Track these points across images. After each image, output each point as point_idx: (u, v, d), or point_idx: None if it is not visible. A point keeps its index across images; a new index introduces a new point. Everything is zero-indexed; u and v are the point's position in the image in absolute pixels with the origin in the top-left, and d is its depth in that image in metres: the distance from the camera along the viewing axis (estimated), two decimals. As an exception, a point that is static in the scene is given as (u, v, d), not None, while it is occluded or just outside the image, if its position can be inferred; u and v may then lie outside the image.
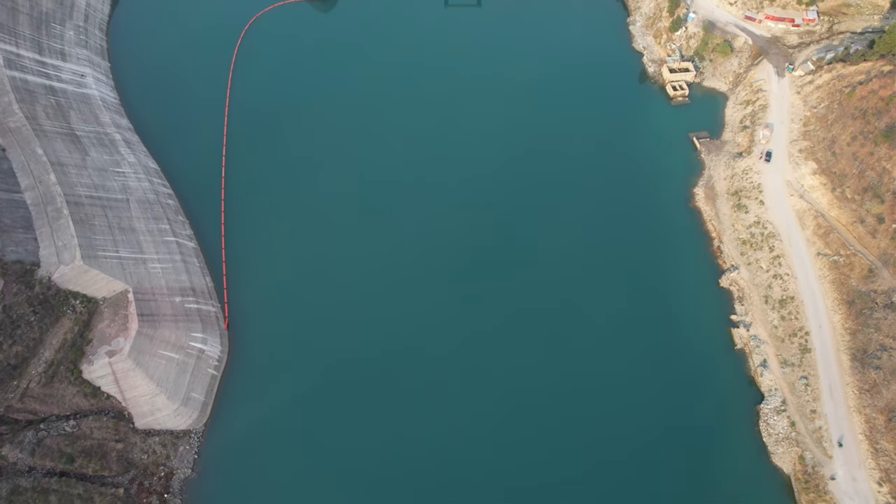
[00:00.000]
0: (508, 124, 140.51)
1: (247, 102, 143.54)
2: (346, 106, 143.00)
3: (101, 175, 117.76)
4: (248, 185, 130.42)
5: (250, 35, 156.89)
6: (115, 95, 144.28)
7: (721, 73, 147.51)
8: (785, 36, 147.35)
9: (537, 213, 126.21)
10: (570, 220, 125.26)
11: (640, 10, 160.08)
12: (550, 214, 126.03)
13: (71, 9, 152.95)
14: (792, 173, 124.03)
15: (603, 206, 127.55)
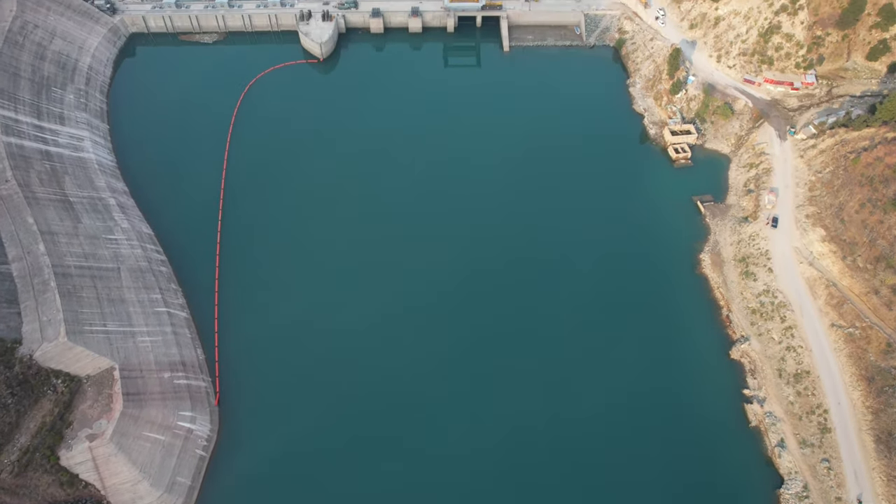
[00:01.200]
0: (508, 187, 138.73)
1: (244, 166, 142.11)
2: (345, 170, 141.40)
3: (92, 243, 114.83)
4: (244, 250, 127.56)
5: (250, 97, 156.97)
6: (112, 158, 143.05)
7: (723, 135, 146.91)
8: (785, 99, 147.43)
9: (539, 281, 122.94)
10: (573, 286, 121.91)
11: (639, 72, 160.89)
12: (552, 281, 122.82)
13: (73, 72, 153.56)
14: (800, 240, 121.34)
15: (608, 273, 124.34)
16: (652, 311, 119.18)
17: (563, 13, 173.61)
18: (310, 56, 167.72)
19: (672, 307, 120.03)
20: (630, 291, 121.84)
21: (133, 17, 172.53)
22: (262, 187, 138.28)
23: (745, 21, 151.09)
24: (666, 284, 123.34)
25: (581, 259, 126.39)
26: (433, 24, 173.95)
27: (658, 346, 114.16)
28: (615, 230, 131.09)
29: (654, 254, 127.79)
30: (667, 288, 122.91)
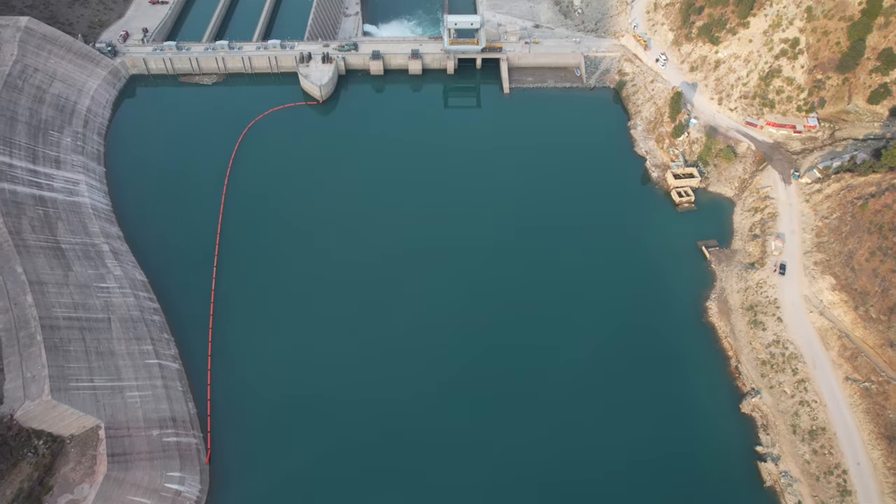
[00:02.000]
0: (508, 231, 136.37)
1: (241, 209, 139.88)
2: (344, 213, 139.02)
3: (82, 292, 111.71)
4: (240, 296, 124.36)
5: (248, 139, 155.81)
6: (107, 202, 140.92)
7: (726, 178, 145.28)
8: (787, 142, 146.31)
9: (540, 330, 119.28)
10: (575, 336, 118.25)
11: (640, 114, 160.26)
12: (553, 331, 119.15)
13: (71, 115, 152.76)
14: (809, 288, 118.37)
15: (612, 321, 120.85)
16: (658, 361, 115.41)
17: (563, 55, 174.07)
18: (309, 98, 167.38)
19: (679, 357, 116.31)
20: (635, 341, 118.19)
21: (134, 59, 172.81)
22: (258, 231, 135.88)
23: (745, 64, 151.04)
24: (672, 334, 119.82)
25: (583, 306, 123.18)
26: (433, 65, 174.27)
27: (665, 399, 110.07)
28: (619, 276, 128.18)
29: (660, 301, 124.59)
30: (673, 337, 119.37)
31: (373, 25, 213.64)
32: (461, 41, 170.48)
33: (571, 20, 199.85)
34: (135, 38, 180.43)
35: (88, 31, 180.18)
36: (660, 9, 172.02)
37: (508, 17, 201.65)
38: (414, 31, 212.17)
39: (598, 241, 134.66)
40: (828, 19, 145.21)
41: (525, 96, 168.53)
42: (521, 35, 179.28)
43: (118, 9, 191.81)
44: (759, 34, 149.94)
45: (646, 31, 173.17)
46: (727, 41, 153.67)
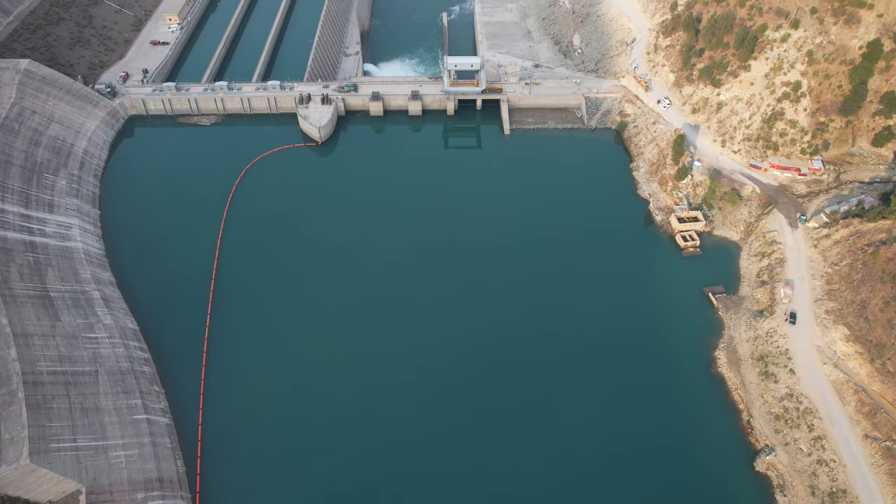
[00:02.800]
0: (509, 275, 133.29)
1: (237, 254, 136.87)
2: (341, 260, 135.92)
3: (70, 344, 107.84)
4: (233, 345, 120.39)
5: (246, 181, 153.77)
6: (100, 246, 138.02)
7: (731, 221, 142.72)
8: (792, 185, 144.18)
9: (542, 380, 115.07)
10: (580, 386, 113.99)
11: (642, 155, 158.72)
12: (556, 381, 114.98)
13: (67, 157, 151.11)
14: (821, 338, 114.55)
15: (617, 371, 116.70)
16: (666, 414, 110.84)
17: (564, 96, 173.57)
18: (308, 139, 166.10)
19: (688, 410, 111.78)
20: (641, 391, 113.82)
21: (133, 100, 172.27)
22: (254, 276, 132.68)
23: (747, 107, 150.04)
24: (680, 384, 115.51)
25: (587, 353, 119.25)
26: (433, 106, 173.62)
27: (675, 455, 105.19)
28: (624, 324, 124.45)
29: (667, 350, 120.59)
30: (681, 388, 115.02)
31: (373, 65, 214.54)
32: (461, 82, 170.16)
33: (571, 60, 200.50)
34: (135, 78, 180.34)
35: (89, 73, 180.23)
36: (660, 50, 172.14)
37: (508, 57, 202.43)
38: (415, 70, 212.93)
39: (603, 286, 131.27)
40: (829, 63, 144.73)
41: (526, 137, 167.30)
42: (521, 76, 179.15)
43: (119, 50, 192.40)
44: (760, 77, 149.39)
45: (646, 72, 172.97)
46: (729, 84, 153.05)
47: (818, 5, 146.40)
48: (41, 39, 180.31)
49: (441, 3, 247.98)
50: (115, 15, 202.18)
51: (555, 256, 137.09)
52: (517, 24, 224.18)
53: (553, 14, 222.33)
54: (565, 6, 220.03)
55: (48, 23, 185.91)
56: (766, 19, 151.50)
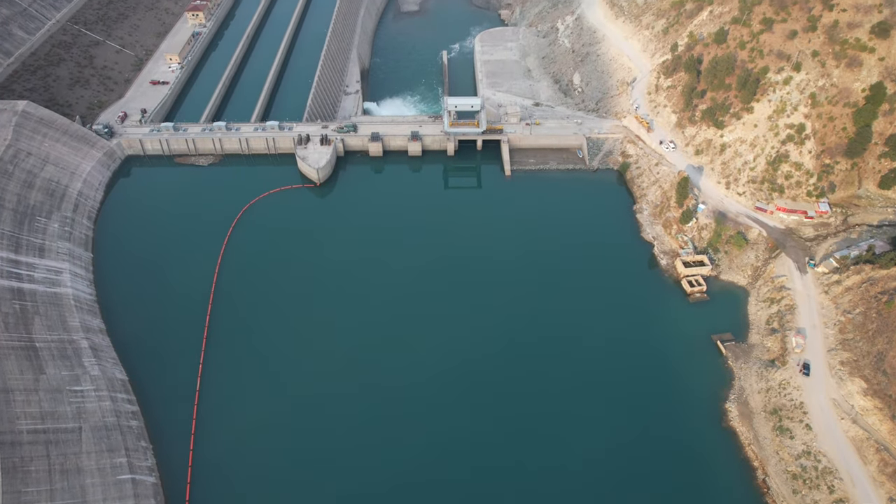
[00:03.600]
0: (511, 321, 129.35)
1: (232, 300, 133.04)
2: (341, 306, 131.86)
3: (53, 399, 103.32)
4: (225, 398, 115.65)
5: (242, 223, 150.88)
6: (91, 291, 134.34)
7: (738, 266, 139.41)
8: (799, 228, 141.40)
9: (545, 435, 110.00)
10: (585, 441, 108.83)
11: (645, 197, 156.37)
12: (560, 437, 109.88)
13: (61, 199, 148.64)
14: (837, 391, 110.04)
15: (623, 423, 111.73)
16: (676, 469, 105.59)
17: (565, 136, 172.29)
18: (307, 180, 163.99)
19: (698, 466, 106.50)
20: (649, 445, 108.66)
21: (130, 140, 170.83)
22: (249, 323, 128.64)
23: (751, 149, 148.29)
24: (690, 439, 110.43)
25: (590, 403, 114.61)
26: (433, 147, 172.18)
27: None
28: (629, 372, 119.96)
29: (674, 401, 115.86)
30: (691, 443, 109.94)
31: (373, 103, 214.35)
32: (461, 123, 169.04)
33: (572, 98, 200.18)
34: (133, 118, 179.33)
35: (87, 113, 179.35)
36: (661, 91, 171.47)
37: (508, 96, 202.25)
38: (416, 107, 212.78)
39: (607, 331, 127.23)
40: (832, 105, 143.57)
41: (527, 178, 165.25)
42: (521, 116, 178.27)
43: (119, 90, 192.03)
44: (763, 119, 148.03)
45: (648, 112, 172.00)
46: (732, 125, 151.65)
47: (819, 49, 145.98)
48: (41, 80, 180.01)
49: (441, 41, 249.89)
50: (116, 55, 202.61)
51: (557, 300, 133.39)
52: (517, 63, 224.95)
53: (553, 53, 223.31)
54: (565, 45, 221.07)
55: (49, 63, 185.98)
56: (767, 62, 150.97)
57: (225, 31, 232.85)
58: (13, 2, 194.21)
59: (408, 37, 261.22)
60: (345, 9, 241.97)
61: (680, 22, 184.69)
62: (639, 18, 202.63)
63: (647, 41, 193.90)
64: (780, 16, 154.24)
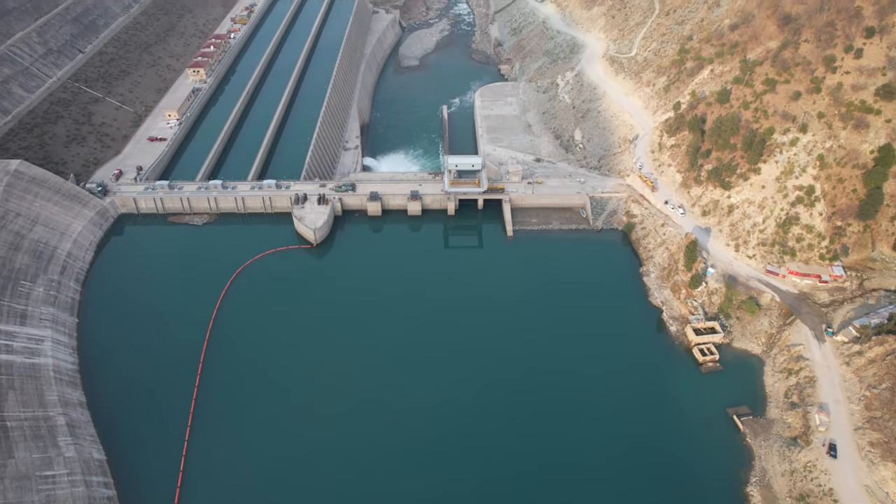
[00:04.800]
0: (514, 390, 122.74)
1: (222, 370, 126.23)
2: (339, 376, 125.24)
3: (19, 487, 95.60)
4: (211, 480, 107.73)
5: (235, 287, 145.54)
6: (73, 360, 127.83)
7: (751, 332, 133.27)
8: (814, 292, 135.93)
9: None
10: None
11: (652, 259, 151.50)
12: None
13: (49, 261, 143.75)
14: (869, 475, 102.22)
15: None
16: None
17: (568, 196, 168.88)
18: (303, 241, 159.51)
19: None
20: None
21: (124, 198, 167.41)
22: (240, 396, 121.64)
23: (760, 210, 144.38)
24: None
25: (599, 483, 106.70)
26: (433, 206, 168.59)
27: None
28: (642, 450, 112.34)
29: (692, 484, 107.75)
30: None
31: (372, 158, 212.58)
32: (462, 182, 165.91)
33: (573, 155, 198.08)
34: (128, 176, 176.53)
35: (82, 170, 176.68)
36: (664, 149, 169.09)
37: (509, 151, 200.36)
38: (417, 161, 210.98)
39: (615, 403, 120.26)
40: (841, 167, 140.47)
41: (530, 239, 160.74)
42: (523, 174, 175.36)
43: (116, 146, 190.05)
44: (771, 180, 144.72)
45: (652, 171, 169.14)
46: (739, 186, 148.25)
47: (825, 110, 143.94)
48: (37, 138, 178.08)
49: (441, 96, 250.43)
50: (115, 111, 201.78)
51: (562, 367, 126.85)
52: (517, 118, 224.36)
53: (553, 108, 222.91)
54: (565, 101, 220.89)
55: (46, 121, 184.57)
56: (772, 122, 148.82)
57: (226, 86, 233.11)
58: (15, 61, 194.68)
59: (408, 91, 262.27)
60: (346, 64, 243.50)
61: (681, 80, 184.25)
62: (639, 76, 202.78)
63: (648, 98, 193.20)
64: (782, 76, 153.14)
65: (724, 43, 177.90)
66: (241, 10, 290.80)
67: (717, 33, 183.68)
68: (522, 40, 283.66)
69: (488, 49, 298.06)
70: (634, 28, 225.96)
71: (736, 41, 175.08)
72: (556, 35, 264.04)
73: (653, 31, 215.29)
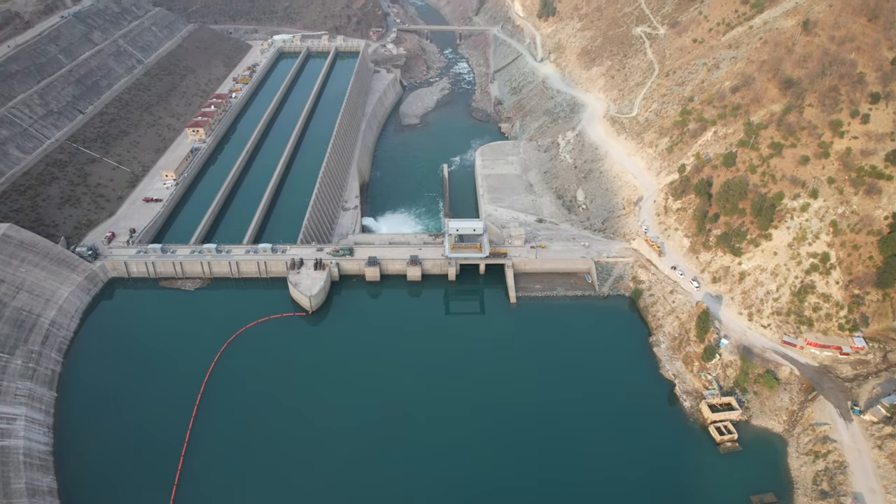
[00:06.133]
0: (519, 466, 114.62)
1: (208, 453, 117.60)
2: (335, 454, 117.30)
3: None
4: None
5: (226, 357, 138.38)
6: (47, 440, 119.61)
7: (771, 409, 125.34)
8: (835, 366, 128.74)
9: None
10: None
11: (662, 328, 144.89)
12: None
13: (30, 331, 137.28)
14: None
15: None
16: None
17: (572, 260, 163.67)
18: (299, 308, 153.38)
19: None
20: None
21: (115, 262, 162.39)
22: (226, 479, 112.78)
23: (773, 278, 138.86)
24: None
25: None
26: (433, 271, 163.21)
27: None
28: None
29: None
30: None
31: (372, 218, 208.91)
32: (463, 246, 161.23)
33: (576, 215, 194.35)
34: (121, 238, 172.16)
35: (74, 233, 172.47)
36: (671, 213, 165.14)
37: (510, 212, 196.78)
38: (419, 220, 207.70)
39: (629, 492, 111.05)
40: (855, 233, 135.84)
41: (534, 306, 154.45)
42: (526, 238, 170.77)
43: (110, 207, 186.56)
44: (783, 247, 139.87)
45: (658, 234, 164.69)
46: (750, 252, 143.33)
47: (835, 175, 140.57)
48: (29, 200, 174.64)
49: (441, 154, 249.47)
50: (111, 172, 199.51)
51: (569, 448, 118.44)
52: (518, 177, 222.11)
53: (554, 168, 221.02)
54: (566, 161, 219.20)
55: (40, 182, 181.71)
56: (781, 187, 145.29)
57: (225, 145, 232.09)
58: (14, 122, 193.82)
59: (409, 149, 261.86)
60: (346, 124, 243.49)
61: (684, 141, 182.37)
62: (641, 136, 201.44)
63: (651, 159, 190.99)
64: (788, 140, 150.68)
65: (727, 105, 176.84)
66: (244, 70, 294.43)
67: (719, 95, 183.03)
68: (522, 99, 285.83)
69: (488, 107, 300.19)
70: (634, 88, 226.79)
71: (738, 103, 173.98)
72: (556, 94, 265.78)
73: (653, 91, 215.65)
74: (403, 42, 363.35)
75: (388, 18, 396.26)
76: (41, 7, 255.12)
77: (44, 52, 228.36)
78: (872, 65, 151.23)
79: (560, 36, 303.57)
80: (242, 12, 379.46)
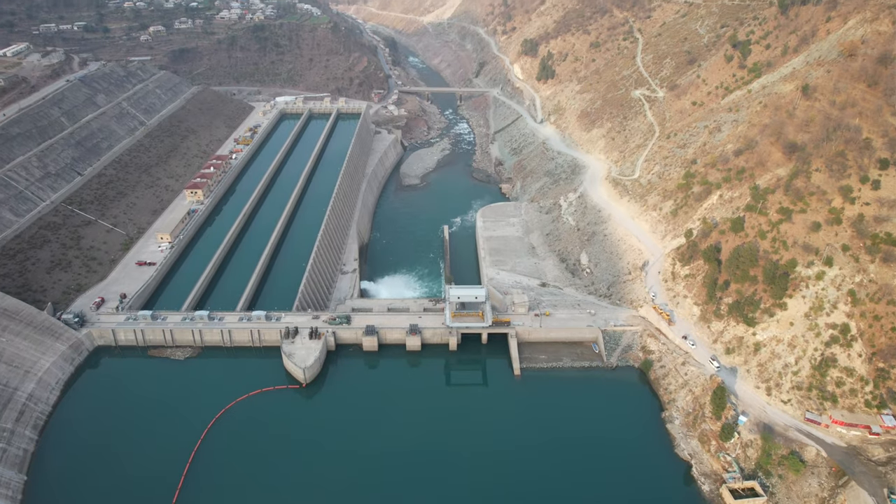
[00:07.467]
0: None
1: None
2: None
3: None
4: None
5: (213, 434, 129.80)
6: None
7: (799, 495, 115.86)
8: (865, 446, 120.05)
9: None
10: None
11: (674, 403, 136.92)
12: None
13: (4, 406, 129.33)
14: None
15: None
16: None
17: (578, 329, 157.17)
18: (292, 380, 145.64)
19: None
20: None
21: (102, 329, 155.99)
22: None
23: (791, 350, 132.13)
24: None
25: None
26: (433, 340, 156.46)
27: None
28: None
29: None
30: None
31: (371, 282, 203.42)
32: (465, 314, 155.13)
33: (580, 279, 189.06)
34: (110, 304, 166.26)
35: (62, 298, 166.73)
36: (679, 279, 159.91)
37: (513, 276, 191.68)
38: (419, 282, 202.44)
39: None
40: (875, 303, 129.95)
41: (539, 378, 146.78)
42: (529, 305, 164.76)
43: (102, 271, 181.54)
44: (800, 317, 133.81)
45: (667, 301, 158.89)
46: (765, 322, 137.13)
47: (849, 242, 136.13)
48: (18, 264, 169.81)
49: (442, 215, 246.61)
50: (105, 234, 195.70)
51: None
52: (520, 240, 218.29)
53: (557, 230, 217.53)
54: (569, 223, 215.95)
55: (31, 246, 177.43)
56: (793, 254, 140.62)
57: (224, 206, 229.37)
58: (10, 185, 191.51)
59: (409, 209, 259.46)
60: (346, 185, 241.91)
61: (689, 204, 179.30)
62: (644, 199, 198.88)
63: (655, 222, 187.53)
64: (797, 206, 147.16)
65: (731, 168, 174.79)
66: (245, 131, 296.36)
67: (722, 158, 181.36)
68: (523, 160, 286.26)
69: (489, 168, 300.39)
70: (635, 150, 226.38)
71: (742, 167, 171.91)
72: (557, 156, 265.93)
73: (654, 153, 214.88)
74: (405, 103, 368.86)
75: (389, 80, 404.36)
76: (48, 72, 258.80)
77: (46, 114, 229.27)
78: (878, 130, 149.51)
79: (559, 98, 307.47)
80: (246, 74, 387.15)
